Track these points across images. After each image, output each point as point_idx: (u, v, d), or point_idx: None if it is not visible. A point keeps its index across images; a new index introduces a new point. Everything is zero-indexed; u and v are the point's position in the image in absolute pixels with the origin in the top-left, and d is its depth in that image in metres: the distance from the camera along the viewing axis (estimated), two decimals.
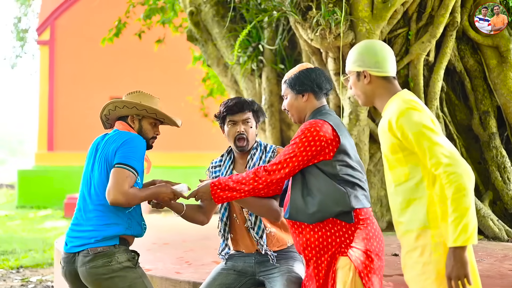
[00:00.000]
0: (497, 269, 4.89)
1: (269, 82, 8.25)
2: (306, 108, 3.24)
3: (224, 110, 3.62)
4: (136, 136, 3.40)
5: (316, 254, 3.08)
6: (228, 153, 3.77)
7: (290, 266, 3.58)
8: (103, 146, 3.38)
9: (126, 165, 3.23)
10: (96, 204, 3.31)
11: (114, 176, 3.20)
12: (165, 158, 16.33)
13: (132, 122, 3.51)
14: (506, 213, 6.95)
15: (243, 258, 3.71)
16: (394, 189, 2.79)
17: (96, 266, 3.24)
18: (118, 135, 3.39)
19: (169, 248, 6.02)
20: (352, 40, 6.48)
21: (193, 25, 8.58)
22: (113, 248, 3.28)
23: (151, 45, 12.60)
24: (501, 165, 6.96)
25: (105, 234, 3.27)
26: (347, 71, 2.96)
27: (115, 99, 3.52)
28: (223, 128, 3.67)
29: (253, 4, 7.89)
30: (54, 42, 17.54)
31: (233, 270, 3.66)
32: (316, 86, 3.21)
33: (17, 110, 61.64)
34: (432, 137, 2.62)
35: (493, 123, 7.08)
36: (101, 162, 3.34)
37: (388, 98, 2.84)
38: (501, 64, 6.96)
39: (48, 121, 17.37)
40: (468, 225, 2.50)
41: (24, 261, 8.63)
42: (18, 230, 12.15)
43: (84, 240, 3.29)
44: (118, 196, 3.18)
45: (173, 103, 16.35)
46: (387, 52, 2.90)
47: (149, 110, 3.48)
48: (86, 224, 3.32)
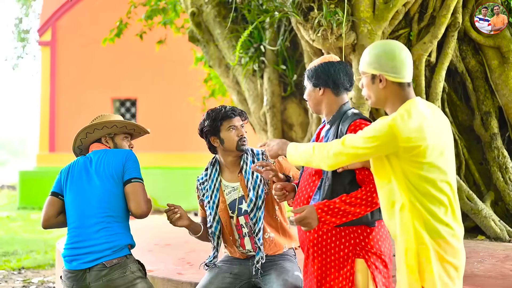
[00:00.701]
0: (499, 270, 4.89)
1: (271, 83, 8.25)
2: (322, 102, 3.18)
3: (220, 117, 3.61)
4: (128, 151, 3.51)
5: (326, 252, 3.04)
6: (213, 165, 3.76)
7: (287, 268, 3.57)
8: (101, 162, 3.42)
9: (140, 179, 3.39)
10: (102, 217, 3.34)
11: (138, 191, 3.36)
12: (166, 159, 16.35)
13: (106, 142, 3.56)
14: (507, 214, 6.94)
15: (239, 260, 3.71)
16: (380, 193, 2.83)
17: (113, 279, 3.27)
18: (115, 151, 3.47)
19: (170, 249, 6.02)
20: (354, 41, 6.47)
21: (195, 26, 8.59)
22: (125, 259, 3.32)
23: (152, 46, 12.61)
24: (502, 166, 6.95)
25: (118, 244, 3.30)
26: (361, 71, 2.87)
27: (84, 127, 3.55)
28: (217, 137, 3.63)
29: (254, 5, 7.89)
30: (55, 43, 17.55)
31: (230, 273, 3.66)
32: (332, 82, 3.14)
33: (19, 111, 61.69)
34: (363, 132, 2.70)
35: (494, 124, 7.07)
36: (105, 176, 3.38)
37: (399, 105, 2.76)
38: (502, 65, 6.95)
39: (49, 122, 17.38)
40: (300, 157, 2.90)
41: (25, 262, 8.63)
42: (19, 231, 12.15)
43: (96, 254, 3.30)
44: (147, 207, 3.38)
45: (175, 104, 16.36)
46: (405, 56, 2.79)
47: (119, 125, 3.53)
48: (92, 238, 3.33)
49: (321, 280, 3.05)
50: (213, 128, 3.62)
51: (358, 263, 2.98)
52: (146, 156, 16.22)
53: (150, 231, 7.84)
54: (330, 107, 3.17)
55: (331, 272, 3.03)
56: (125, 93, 16.91)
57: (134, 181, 3.35)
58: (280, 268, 3.58)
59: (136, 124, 3.60)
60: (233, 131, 3.60)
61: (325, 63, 3.19)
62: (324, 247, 3.04)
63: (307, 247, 3.15)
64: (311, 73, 3.21)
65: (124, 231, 3.38)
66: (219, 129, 3.61)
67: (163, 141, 16.55)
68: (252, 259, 3.66)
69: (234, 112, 3.63)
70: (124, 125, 3.54)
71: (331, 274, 3.03)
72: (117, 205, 3.37)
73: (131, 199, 3.34)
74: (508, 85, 6.89)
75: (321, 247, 3.05)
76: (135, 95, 16.76)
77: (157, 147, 16.55)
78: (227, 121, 3.61)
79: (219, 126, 3.61)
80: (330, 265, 3.03)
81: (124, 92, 16.92)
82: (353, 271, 2.97)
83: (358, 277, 2.97)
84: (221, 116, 3.61)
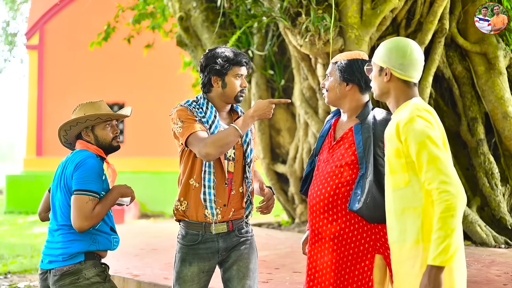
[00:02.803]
0: (484, 275, 4.92)
1: (259, 88, 8.26)
2: (346, 97, 3.16)
3: (234, 62, 3.36)
4: (87, 156, 3.37)
5: (345, 245, 3.01)
6: (206, 100, 3.42)
7: (250, 267, 3.40)
8: (63, 169, 3.41)
9: (84, 191, 3.27)
10: (60, 224, 3.37)
11: (75, 205, 3.25)
12: (154, 163, 16.31)
13: (87, 136, 3.49)
14: (493, 219, 6.98)
15: (205, 247, 3.36)
16: (391, 194, 2.77)
17: (64, 285, 3.28)
18: (72, 158, 3.40)
19: (157, 254, 6.01)
20: (341, 47, 6.50)
21: (183, 30, 8.59)
22: (79, 265, 3.31)
23: (140, 50, 12.60)
24: (488, 171, 6.99)
25: (69, 251, 3.31)
26: (372, 62, 2.92)
27: (61, 125, 3.49)
28: (221, 80, 3.37)
29: (242, 10, 7.91)
30: (43, 46, 17.48)
31: (202, 272, 3.34)
32: (363, 81, 3.14)
33: (6, 115, 61.38)
34: (433, 151, 2.58)
35: (481, 130, 7.11)
36: (61, 184, 3.38)
37: (402, 102, 2.80)
38: (489, 71, 7.00)
39: (37, 126, 17.30)
40: (450, 246, 2.48)
41: (12, 266, 8.57)
42: (6, 236, 12.08)
43: (52, 257, 3.34)
44: (83, 223, 3.24)
45: (163, 108, 16.33)
46: (417, 57, 2.83)
47: (92, 118, 3.44)
48: (53, 241, 3.38)
49: (338, 274, 3.02)
50: (222, 69, 3.36)
51: (377, 259, 2.99)
52: (135, 160, 16.18)
53: (137, 236, 7.82)
54: (355, 103, 3.16)
55: (350, 265, 3.02)
56: (113, 97, 16.86)
57: (76, 193, 3.25)
58: (243, 263, 3.37)
59: (110, 114, 3.48)
60: (238, 79, 3.38)
61: (360, 60, 3.18)
62: (344, 240, 3.02)
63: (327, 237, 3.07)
64: (344, 67, 3.16)
65: (81, 238, 3.32)
66: (227, 73, 3.36)
67: (151, 146, 16.51)
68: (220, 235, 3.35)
69: (246, 62, 3.41)
70: (98, 117, 3.44)
71: (349, 267, 3.02)
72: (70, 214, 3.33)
73: (71, 212, 3.28)
74: (495, 91, 6.93)
75: (341, 240, 3.02)
76: (123, 99, 16.72)
77: (146, 151, 16.51)
78: (238, 67, 3.37)
79: (228, 69, 3.36)
80: (348, 258, 3.02)
81: (112, 96, 16.87)
82: (372, 266, 2.98)
83: (376, 272, 2.98)
84: (234, 60, 3.36)
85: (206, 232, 3.32)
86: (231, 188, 3.36)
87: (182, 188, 3.37)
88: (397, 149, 2.70)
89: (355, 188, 3.01)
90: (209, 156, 3.21)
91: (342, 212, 3.04)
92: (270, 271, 5.55)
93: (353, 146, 3.07)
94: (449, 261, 2.48)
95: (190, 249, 3.34)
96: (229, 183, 3.35)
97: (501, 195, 7.00)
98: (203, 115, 3.37)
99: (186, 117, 3.33)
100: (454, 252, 2.49)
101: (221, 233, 3.34)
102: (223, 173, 3.34)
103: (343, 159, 3.07)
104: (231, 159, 3.37)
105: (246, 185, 3.41)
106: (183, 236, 3.37)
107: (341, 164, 3.07)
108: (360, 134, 3.06)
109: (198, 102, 3.43)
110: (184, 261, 3.34)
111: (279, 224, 9.36)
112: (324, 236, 3.08)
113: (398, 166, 2.71)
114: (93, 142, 3.48)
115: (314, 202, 3.11)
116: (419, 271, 2.62)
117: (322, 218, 3.09)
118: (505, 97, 6.91)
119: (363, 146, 3.02)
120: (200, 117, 3.35)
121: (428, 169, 2.57)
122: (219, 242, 3.35)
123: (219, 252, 3.35)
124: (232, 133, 3.24)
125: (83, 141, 3.49)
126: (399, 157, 2.70)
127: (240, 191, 3.39)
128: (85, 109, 3.48)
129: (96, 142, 3.48)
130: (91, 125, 3.47)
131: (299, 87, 7.91)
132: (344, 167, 3.06)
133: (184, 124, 3.31)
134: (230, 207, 3.35)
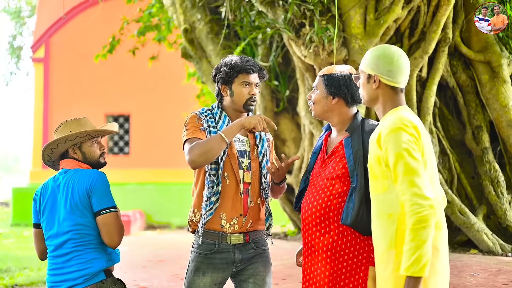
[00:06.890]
0: (491, 283, 4.91)
1: (264, 99, 8.28)
2: (333, 111, 3.18)
3: (238, 69, 3.34)
4: (95, 173, 3.34)
5: (339, 258, 3.03)
6: (220, 110, 3.40)
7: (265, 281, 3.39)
8: (68, 189, 3.33)
9: (110, 208, 3.28)
10: (72, 247, 3.29)
11: (109, 222, 3.26)
12: (160, 175, 16.32)
13: (74, 153, 3.42)
14: (500, 227, 6.97)
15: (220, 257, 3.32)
16: (373, 198, 2.83)
17: None
18: (78, 176, 3.33)
19: (164, 265, 6.02)
20: (345, 57, 6.53)
21: (188, 42, 8.64)
22: (100, 284, 3.28)
23: (145, 62, 12.65)
24: (494, 180, 6.99)
25: (90, 271, 3.26)
26: (359, 70, 2.96)
27: (47, 143, 3.44)
28: (228, 88, 3.36)
29: (247, 22, 7.95)
30: (48, 59, 17.57)
31: (215, 284, 3.33)
32: (350, 95, 3.16)
33: (12, 128, 61.58)
34: (410, 163, 2.63)
35: (486, 138, 7.12)
36: (70, 207, 3.30)
37: (390, 109, 2.86)
38: (493, 79, 7.01)
39: (42, 138, 17.35)
40: (421, 257, 2.54)
41: (19, 279, 8.59)
42: (12, 248, 12.10)
43: (71, 282, 3.27)
44: (120, 238, 3.29)
45: (168, 119, 16.38)
46: (403, 63, 2.88)
47: (81, 135, 3.39)
48: (66, 266, 3.31)
49: (333, 287, 3.03)
50: (227, 77, 3.36)
51: (371, 271, 3.00)
52: (140, 172, 16.20)
53: (144, 248, 7.83)
54: (342, 116, 3.18)
55: (344, 278, 3.03)
56: (119, 109, 16.92)
57: (104, 212, 3.24)
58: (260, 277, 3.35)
59: (99, 130, 3.44)
60: (246, 87, 3.35)
61: (347, 75, 3.19)
62: (337, 253, 3.03)
63: (320, 250, 3.08)
64: (330, 81, 3.18)
65: (99, 256, 3.31)
66: (233, 81, 3.35)
67: (156, 157, 16.55)
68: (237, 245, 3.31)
69: (253, 68, 3.37)
70: (88, 133, 3.40)
71: (343, 280, 3.03)
72: (88, 233, 3.30)
73: (104, 232, 3.26)
74: (499, 99, 6.94)
75: (334, 253, 3.03)
76: (129, 110, 16.77)
77: (151, 163, 16.54)
78: (244, 75, 3.35)
79: (233, 77, 3.35)
80: (342, 271, 3.03)
81: (117, 108, 16.93)
82: (366, 278, 3.00)
83: (370, 284, 2.99)
84: (239, 67, 3.35)
85: (222, 242, 3.30)
86: (247, 198, 3.33)
87: (195, 199, 3.36)
88: (378, 156, 2.76)
89: (347, 202, 3.03)
90: (194, 163, 3.19)
91: (334, 225, 3.05)
92: (277, 282, 5.55)
93: (343, 159, 3.09)
94: (421, 271, 2.54)
95: (206, 258, 3.32)
96: (244, 193, 3.32)
97: (507, 203, 6.99)
98: (215, 124, 3.35)
99: (191, 125, 3.34)
100: (426, 263, 2.55)
101: (237, 244, 3.31)
102: (237, 183, 3.31)
103: (334, 172, 3.09)
104: (246, 169, 3.35)
105: (263, 196, 3.40)
106: (199, 245, 3.34)
107: (332, 176, 3.10)
108: (350, 148, 3.08)
109: (213, 111, 3.41)
110: (198, 270, 3.32)
111: (285, 235, 9.37)
112: (317, 248, 3.10)
113: (379, 172, 2.77)
114: (81, 159, 3.42)
115: (307, 215, 3.13)
116: (389, 275, 2.70)
117: (314, 231, 3.11)
118: (509, 105, 6.92)
119: (353, 159, 3.04)
120: (210, 125, 3.33)
121: (403, 181, 2.63)
122: (234, 253, 3.32)
123: (234, 263, 3.32)
124: (216, 139, 3.19)
125: (71, 159, 3.42)
126: (380, 164, 2.76)
127: (258, 203, 3.37)
128: (71, 126, 3.42)
129: (84, 159, 3.43)
130: (80, 142, 3.42)
131: (304, 98, 7.93)
132: (336, 180, 3.09)
133: (187, 132, 3.32)
134: (248, 219, 3.32)
